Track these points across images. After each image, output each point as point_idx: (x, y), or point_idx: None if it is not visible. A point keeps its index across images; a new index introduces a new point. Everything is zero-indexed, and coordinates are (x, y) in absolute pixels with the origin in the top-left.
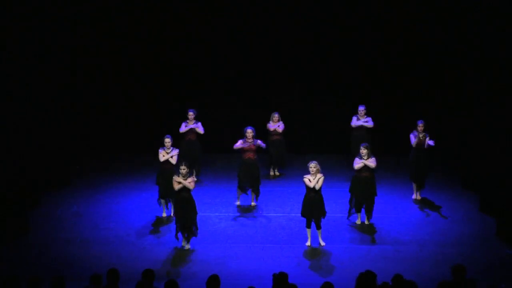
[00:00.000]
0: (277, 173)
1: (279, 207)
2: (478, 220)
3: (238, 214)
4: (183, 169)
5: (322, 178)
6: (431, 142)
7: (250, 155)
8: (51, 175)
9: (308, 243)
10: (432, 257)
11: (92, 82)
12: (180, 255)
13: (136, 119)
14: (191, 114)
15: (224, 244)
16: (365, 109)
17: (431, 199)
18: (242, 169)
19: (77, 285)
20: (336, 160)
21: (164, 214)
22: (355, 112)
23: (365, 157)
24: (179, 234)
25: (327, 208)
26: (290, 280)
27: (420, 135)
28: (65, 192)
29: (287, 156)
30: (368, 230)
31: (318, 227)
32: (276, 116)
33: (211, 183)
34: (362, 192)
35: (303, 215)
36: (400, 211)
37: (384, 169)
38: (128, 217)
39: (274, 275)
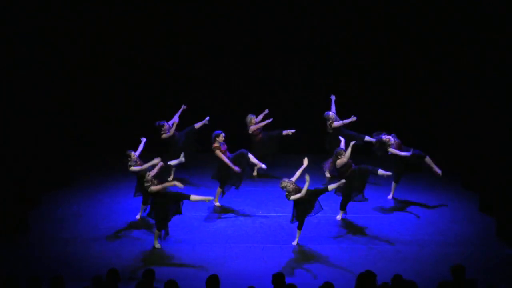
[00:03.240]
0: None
1: (279, 207)
2: (478, 220)
3: (238, 214)
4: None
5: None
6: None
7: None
8: (51, 175)
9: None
10: (432, 257)
11: (92, 82)
12: (180, 255)
13: (136, 119)
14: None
15: (224, 244)
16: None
17: (431, 199)
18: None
19: (77, 285)
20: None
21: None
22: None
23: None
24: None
25: (326, 208)
26: (290, 280)
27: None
28: (65, 192)
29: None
30: (368, 230)
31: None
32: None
33: (211, 182)
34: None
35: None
36: (400, 211)
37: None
38: (128, 217)
39: (273, 275)
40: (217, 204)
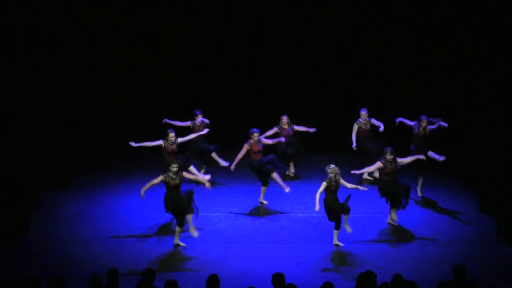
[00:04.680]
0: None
1: (279, 207)
2: (478, 220)
3: (238, 214)
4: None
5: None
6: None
7: (257, 156)
8: (51, 175)
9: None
10: (432, 257)
11: (92, 82)
12: (180, 255)
13: (136, 119)
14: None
15: (224, 244)
16: (367, 112)
17: (431, 199)
18: (255, 170)
19: (77, 285)
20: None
21: None
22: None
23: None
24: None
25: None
26: (290, 280)
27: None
28: (65, 192)
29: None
30: (368, 230)
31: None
32: (284, 119)
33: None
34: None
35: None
36: (400, 211)
37: None
38: (128, 217)
39: (273, 275)
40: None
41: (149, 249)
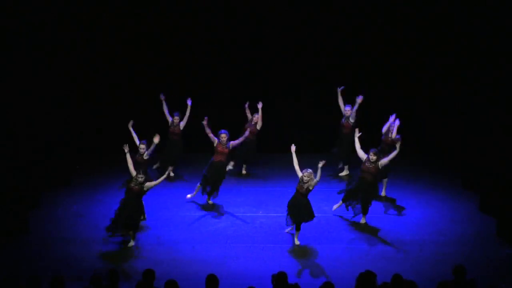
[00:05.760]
0: (244, 172)
1: (279, 207)
2: (478, 220)
3: (238, 214)
4: (140, 177)
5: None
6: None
7: (221, 158)
8: (51, 175)
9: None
10: (432, 257)
11: (92, 82)
12: (180, 255)
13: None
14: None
15: (224, 244)
16: (351, 109)
17: (431, 199)
18: (210, 170)
19: (77, 285)
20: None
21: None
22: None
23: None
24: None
25: (327, 207)
26: (290, 280)
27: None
28: (65, 192)
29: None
30: (368, 230)
31: (298, 228)
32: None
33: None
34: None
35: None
36: (400, 211)
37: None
38: None
39: (273, 276)
40: (189, 196)
41: (148, 249)
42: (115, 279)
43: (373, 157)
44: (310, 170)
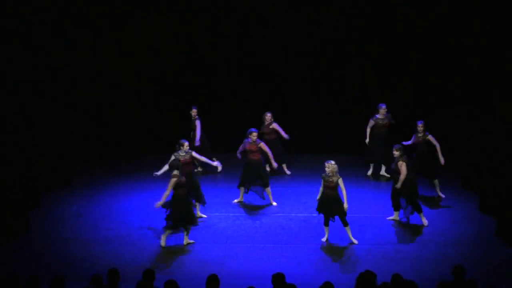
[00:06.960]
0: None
1: (279, 207)
2: (478, 220)
3: (238, 214)
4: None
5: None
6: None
7: (255, 156)
8: (51, 175)
9: (325, 239)
10: (432, 257)
11: (92, 82)
12: (180, 255)
13: (136, 119)
14: (194, 111)
15: (224, 244)
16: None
17: (431, 199)
18: (246, 169)
19: (77, 285)
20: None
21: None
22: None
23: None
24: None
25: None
26: (290, 280)
27: (419, 135)
28: (65, 192)
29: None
30: (368, 230)
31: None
32: (268, 115)
33: (210, 183)
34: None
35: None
36: (400, 211)
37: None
38: (128, 217)
39: (273, 276)
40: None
41: (149, 249)
42: (115, 279)
43: (396, 153)
44: (332, 162)
